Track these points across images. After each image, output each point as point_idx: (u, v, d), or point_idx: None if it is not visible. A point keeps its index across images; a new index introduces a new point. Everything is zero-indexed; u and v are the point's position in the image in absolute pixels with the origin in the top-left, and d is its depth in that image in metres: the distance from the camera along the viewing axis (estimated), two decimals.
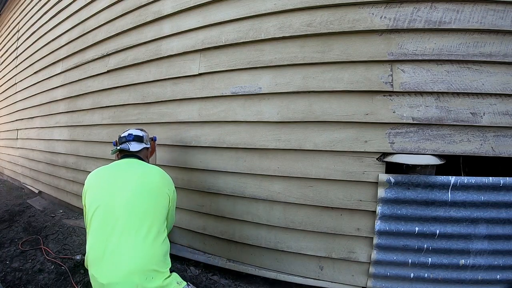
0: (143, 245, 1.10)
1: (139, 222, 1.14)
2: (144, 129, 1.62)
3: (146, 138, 1.56)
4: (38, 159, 3.54)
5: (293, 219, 1.59)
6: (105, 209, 1.16)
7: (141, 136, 1.52)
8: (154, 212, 1.20)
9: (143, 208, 1.17)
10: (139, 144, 1.49)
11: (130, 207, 1.16)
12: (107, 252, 1.09)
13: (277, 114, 1.59)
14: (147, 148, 1.56)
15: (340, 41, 1.46)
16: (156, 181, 1.29)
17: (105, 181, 1.27)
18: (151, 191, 1.24)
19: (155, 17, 2.08)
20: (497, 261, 1.36)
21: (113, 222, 1.12)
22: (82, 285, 1.80)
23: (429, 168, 1.38)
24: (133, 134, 1.50)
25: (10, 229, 2.58)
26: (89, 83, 2.67)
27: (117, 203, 1.16)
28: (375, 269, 1.45)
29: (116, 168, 1.34)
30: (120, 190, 1.20)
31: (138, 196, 1.19)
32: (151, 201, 1.21)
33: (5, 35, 4.62)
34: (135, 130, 1.54)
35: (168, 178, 1.37)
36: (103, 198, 1.20)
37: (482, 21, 1.28)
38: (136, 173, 1.30)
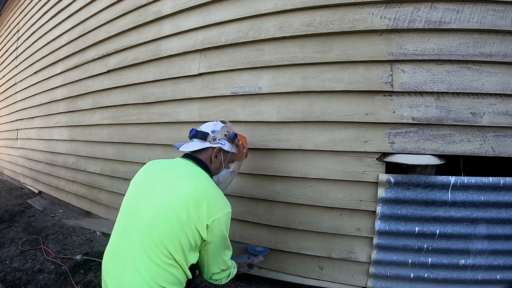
0: (147, 268, 0.92)
1: (151, 242, 0.94)
2: (225, 121, 1.28)
3: (217, 135, 1.18)
4: (38, 159, 3.54)
5: (293, 219, 1.59)
6: (128, 215, 1.03)
7: (205, 133, 1.17)
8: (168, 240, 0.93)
9: (158, 231, 0.94)
10: (199, 143, 1.16)
11: (148, 224, 0.96)
12: (117, 262, 0.99)
13: (277, 114, 1.59)
14: (214, 149, 1.16)
15: (340, 41, 1.46)
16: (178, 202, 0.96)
17: (142, 181, 1.10)
18: (172, 215, 0.95)
19: (155, 17, 2.08)
20: (497, 261, 1.36)
21: (131, 232, 0.98)
22: (82, 285, 1.80)
23: (429, 168, 1.38)
24: (197, 129, 1.20)
25: (10, 229, 2.58)
26: (89, 83, 2.67)
27: (139, 214, 0.99)
28: (375, 269, 1.45)
29: (161, 168, 1.10)
30: (146, 199, 1.01)
31: (158, 215, 0.96)
32: (167, 226, 0.94)
33: (5, 35, 4.62)
34: (207, 124, 1.24)
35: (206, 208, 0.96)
36: (131, 201, 1.06)
37: (482, 21, 1.28)
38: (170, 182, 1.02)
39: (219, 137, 1.19)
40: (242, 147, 1.29)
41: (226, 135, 1.22)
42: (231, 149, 1.23)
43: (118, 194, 2.45)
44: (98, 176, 2.64)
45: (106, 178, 2.55)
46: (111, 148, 2.48)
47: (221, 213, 0.99)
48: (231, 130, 1.25)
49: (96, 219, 2.73)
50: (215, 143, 1.17)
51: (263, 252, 1.51)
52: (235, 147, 1.25)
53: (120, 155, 2.39)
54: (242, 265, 1.36)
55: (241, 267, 1.34)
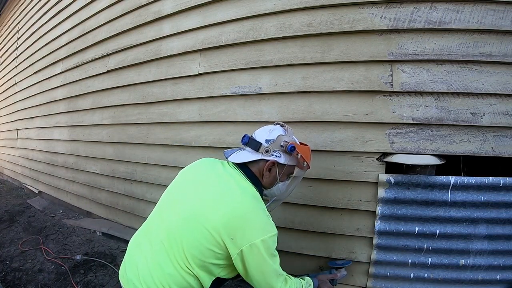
0: (164, 267, 0.92)
1: (174, 248, 0.92)
2: (283, 125, 1.11)
3: (271, 146, 1.03)
4: (38, 159, 3.54)
5: (293, 219, 1.59)
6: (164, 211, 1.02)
7: (258, 143, 1.03)
8: (190, 250, 0.90)
9: (184, 241, 0.91)
10: (251, 154, 1.04)
11: (177, 230, 0.93)
12: (141, 250, 0.99)
13: (277, 114, 1.59)
14: (266, 161, 1.03)
15: (340, 41, 1.46)
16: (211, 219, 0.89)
17: (189, 179, 1.06)
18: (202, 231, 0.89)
19: (155, 17, 2.08)
20: (497, 261, 1.36)
21: (160, 229, 0.98)
22: (82, 285, 1.80)
23: (429, 168, 1.38)
24: (249, 136, 1.07)
25: (10, 229, 2.58)
26: (89, 83, 2.67)
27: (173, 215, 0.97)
28: (375, 269, 1.45)
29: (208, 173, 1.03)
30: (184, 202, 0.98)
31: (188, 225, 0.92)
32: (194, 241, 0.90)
33: (5, 35, 4.62)
34: (263, 129, 1.09)
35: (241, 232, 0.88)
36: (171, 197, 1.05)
37: (482, 21, 1.28)
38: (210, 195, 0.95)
39: (273, 148, 1.03)
40: (303, 159, 1.06)
41: (282, 146, 1.04)
42: (288, 161, 1.06)
43: (118, 194, 2.46)
44: (98, 176, 2.64)
45: (106, 178, 2.55)
46: (111, 148, 2.48)
47: (258, 239, 0.88)
48: (290, 139, 1.07)
49: (96, 219, 2.73)
50: (269, 156, 1.03)
51: (346, 264, 1.40)
52: (293, 159, 1.08)
53: (120, 155, 2.39)
54: (323, 282, 1.24)
55: (323, 284, 1.23)
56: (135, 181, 2.30)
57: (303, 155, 1.05)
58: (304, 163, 1.08)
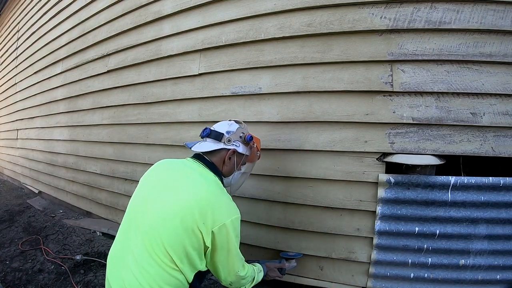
0: (149, 269, 0.93)
1: (154, 246, 0.93)
2: (240, 121, 1.22)
3: (232, 137, 1.13)
4: (38, 159, 3.54)
5: (293, 219, 1.59)
6: (134, 216, 1.03)
7: (220, 134, 1.12)
8: (171, 245, 0.93)
9: (162, 235, 0.93)
10: (213, 144, 1.12)
11: (152, 227, 0.95)
12: (121, 261, 0.99)
13: (277, 114, 1.59)
14: (228, 150, 1.12)
15: (340, 41, 1.46)
16: (184, 207, 0.94)
17: (150, 182, 1.09)
18: (176, 220, 0.93)
19: (155, 17, 2.08)
20: (497, 261, 1.36)
21: (135, 233, 0.98)
22: (82, 285, 1.80)
23: (429, 168, 1.38)
24: (211, 128, 1.16)
25: (10, 229, 2.58)
26: (89, 83, 2.67)
27: (144, 215, 0.99)
28: (375, 269, 1.45)
29: (169, 169, 1.09)
30: (152, 202, 1.00)
31: (163, 219, 0.94)
32: (171, 231, 0.93)
33: (5, 35, 4.62)
34: (222, 123, 1.19)
35: (212, 214, 0.94)
36: (138, 201, 1.06)
37: (482, 21, 1.28)
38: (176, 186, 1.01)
39: (234, 138, 1.14)
40: (256, 149, 1.23)
41: (241, 137, 1.17)
42: (245, 151, 1.17)
43: (118, 194, 2.45)
44: (98, 176, 2.64)
45: (106, 178, 2.55)
46: (111, 148, 2.48)
47: (228, 220, 0.96)
48: (246, 131, 1.21)
49: (96, 219, 2.73)
50: (230, 145, 1.13)
51: (296, 256, 1.45)
52: (249, 150, 1.20)
53: (120, 155, 2.39)
54: (272, 270, 1.30)
55: (271, 272, 1.29)
56: (135, 181, 2.30)
57: (257, 145, 1.23)
58: (258, 152, 1.26)
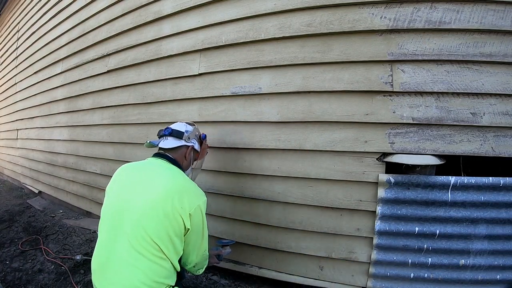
0: (139, 265, 0.97)
1: (140, 240, 0.98)
2: (194, 124, 1.39)
3: (190, 135, 1.28)
4: (38, 159, 3.54)
5: (293, 219, 1.59)
6: (113, 219, 1.05)
7: (181, 132, 1.25)
8: (157, 234, 0.99)
9: (146, 227, 0.99)
10: (175, 141, 1.23)
11: (136, 222, 1.00)
12: (106, 265, 1.01)
13: (277, 114, 1.59)
14: (187, 147, 1.27)
15: (340, 41, 1.46)
16: (162, 197, 1.03)
17: (120, 184, 1.14)
18: (158, 209, 1.01)
19: (155, 17, 2.08)
20: (497, 261, 1.36)
21: (119, 233, 1.01)
22: (82, 285, 1.80)
23: (429, 168, 1.38)
24: (172, 128, 1.27)
25: (10, 229, 2.58)
26: (89, 83, 2.67)
27: (125, 214, 1.03)
28: (375, 269, 1.45)
29: (136, 169, 1.16)
30: (130, 199, 1.05)
31: (145, 212, 1.01)
32: (155, 221, 1.00)
33: (5, 35, 4.62)
34: (180, 124, 1.31)
35: (187, 198, 1.05)
36: (114, 204, 1.09)
37: (482, 21, 1.28)
38: (149, 181, 1.09)
39: (191, 136, 1.30)
40: (207, 147, 1.46)
41: (197, 135, 1.36)
42: (199, 148, 1.37)
43: None
44: (98, 176, 2.64)
45: (106, 178, 2.53)
46: (111, 148, 2.48)
47: (200, 202, 1.10)
48: (200, 131, 1.40)
49: (96, 219, 2.72)
50: (189, 142, 1.28)
51: (230, 243, 1.58)
52: (200, 146, 1.39)
53: (120, 155, 2.39)
54: (211, 256, 1.41)
55: (211, 258, 1.40)
56: None
57: (208, 143, 1.46)
58: (207, 150, 1.47)
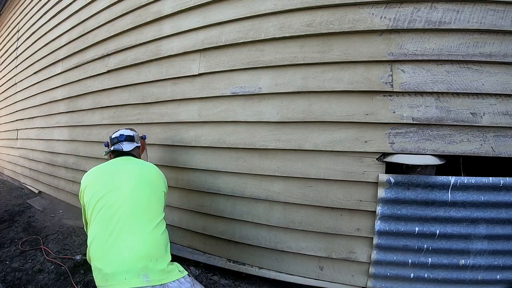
0: (146, 233, 1.16)
1: (142, 211, 1.20)
2: (133, 128, 1.67)
3: (137, 137, 1.61)
4: (38, 159, 3.54)
5: (293, 219, 1.59)
6: (107, 200, 1.20)
7: (132, 136, 1.57)
8: (155, 203, 1.27)
9: (145, 199, 1.24)
10: (131, 144, 1.54)
11: (133, 197, 1.22)
12: (110, 241, 1.11)
13: (277, 114, 1.59)
14: (138, 147, 1.61)
15: (340, 41, 1.46)
16: (153, 174, 1.38)
17: (105, 176, 1.32)
18: (150, 183, 1.31)
19: (155, 17, 2.08)
20: (497, 261, 1.36)
21: (116, 211, 1.16)
22: (82, 285, 1.80)
23: (429, 168, 1.38)
24: (124, 134, 1.54)
25: (10, 229, 2.58)
26: (89, 83, 2.67)
27: (119, 193, 1.21)
28: (375, 269, 1.45)
29: (114, 164, 1.40)
30: (121, 181, 1.27)
31: (139, 187, 1.26)
32: (151, 192, 1.29)
33: (5, 35, 4.61)
34: (126, 130, 1.58)
35: (162, 174, 1.44)
36: (105, 189, 1.23)
37: (482, 21, 1.28)
38: (135, 167, 1.38)
39: (137, 138, 1.61)
40: (145, 145, 1.80)
41: (141, 137, 1.72)
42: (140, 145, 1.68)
43: None
44: None
45: None
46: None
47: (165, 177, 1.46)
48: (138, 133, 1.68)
49: None
50: (138, 143, 1.60)
51: None
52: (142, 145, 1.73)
53: None
54: None
55: None
56: None
57: (145, 142, 1.80)
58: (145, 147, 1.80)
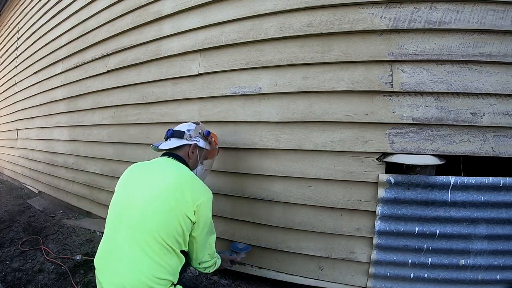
0: (145, 261, 0.98)
1: (144, 235, 0.99)
2: (199, 122, 1.39)
3: (192, 133, 1.29)
4: (38, 159, 3.54)
5: (293, 219, 1.59)
6: (118, 214, 1.07)
7: (182, 131, 1.28)
8: (161, 229, 1.00)
9: (150, 222, 1.01)
10: (177, 141, 1.26)
11: (139, 217, 1.02)
12: (112, 259, 1.02)
13: (277, 114, 1.59)
14: (190, 145, 1.27)
15: (340, 41, 1.46)
16: (166, 192, 1.04)
17: (130, 179, 1.16)
18: (162, 203, 1.02)
19: (155, 17, 2.08)
20: (497, 261, 1.36)
21: (122, 229, 1.03)
22: (82, 285, 1.80)
23: (429, 168, 1.38)
24: (173, 129, 1.31)
25: (10, 229, 2.58)
26: (89, 83, 2.67)
27: (129, 210, 1.05)
28: (375, 269, 1.45)
29: (142, 168, 1.18)
30: (134, 196, 1.07)
31: (148, 207, 1.02)
32: (158, 215, 1.01)
33: (5, 35, 4.62)
34: (183, 124, 1.34)
35: (191, 193, 1.05)
36: (121, 197, 1.12)
37: (482, 21, 1.28)
38: (154, 178, 1.10)
39: (194, 134, 1.30)
40: (215, 144, 1.43)
41: (200, 133, 1.34)
42: (205, 146, 1.34)
43: None
44: (98, 176, 2.64)
45: (106, 178, 2.55)
46: (111, 148, 2.48)
47: (205, 198, 1.09)
48: (204, 128, 1.37)
49: (96, 219, 2.72)
50: (191, 140, 1.28)
51: (245, 250, 1.52)
52: (208, 144, 1.37)
53: (120, 155, 2.39)
54: (225, 260, 1.40)
55: (224, 262, 1.39)
56: None
57: (215, 139, 1.42)
58: (216, 146, 1.44)
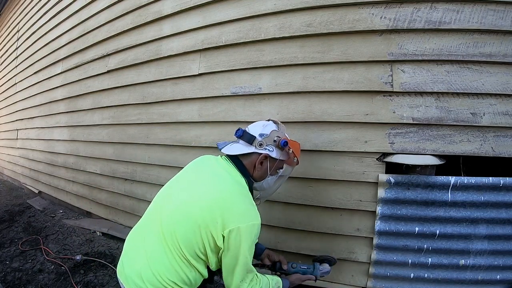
0: (164, 262, 0.94)
1: (168, 239, 0.94)
2: (278, 122, 1.14)
3: (265, 141, 1.05)
4: (38, 159, 3.54)
5: (293, 219, 1.59)
6: (159, 205, 1.04)
7: (252, 137, 1.06)
8: (181, 241, 0.93)
9: (174, 229, 0.94)
10: (244, 147, 1.06)
11: (169, 220, 0.96)
12: (139, 246, 1.01)
13: (277, 114, 1.59)
14: (259, 155, 1.05)
15: (340, 41, 1.46)
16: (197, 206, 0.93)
17: (181, 177, 1.10)
18: (188, 216, 0.93)
19: (155, 17, 2.08)
20: (497, 261, 1.36)
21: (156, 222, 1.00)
22: (82, 285, 1.80)
23: (429, 168, 1.38)
24: (244, 129, 1.09)
25: (10, 229, 2.58)
26: (89, 83, 2.67)
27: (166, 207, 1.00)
28: (375, 269, 1.45)
29: (198, 169, 1.09)
30: (175, 196, 1.02)
31: (175, 215, 0.96)
32: (182, 227, 0.93)
33: (5, 35, 4.62)
34: (258, 124, 1.12)
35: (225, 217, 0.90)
36: (167, 192, 1.07)
37: (482, 21, 1.28)
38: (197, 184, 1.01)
39: (267, 142, 1.06)
40: (293, 155, 1.11)
41: (275, 141, 1.07)
42: (279, 156, 1.09)
43: (118, 194, 2.45)
44: (98, 176, 2.64)
45: (106, 178, 2.55)
46: (111, 148, 2.48)
47: (242, 224, 0.90)
48: (283, 134, 1.10)
49: (96, 219, 2.73)
50: (262, 149, 1.05)
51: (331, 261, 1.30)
52: (285, 154, 1.11)
53: (120, 155, 2.39)
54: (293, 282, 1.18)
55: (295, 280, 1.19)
56: (135, 181, 2.30)
57: (294, 150, 1.10)
58: (295, 158, 1.13)
